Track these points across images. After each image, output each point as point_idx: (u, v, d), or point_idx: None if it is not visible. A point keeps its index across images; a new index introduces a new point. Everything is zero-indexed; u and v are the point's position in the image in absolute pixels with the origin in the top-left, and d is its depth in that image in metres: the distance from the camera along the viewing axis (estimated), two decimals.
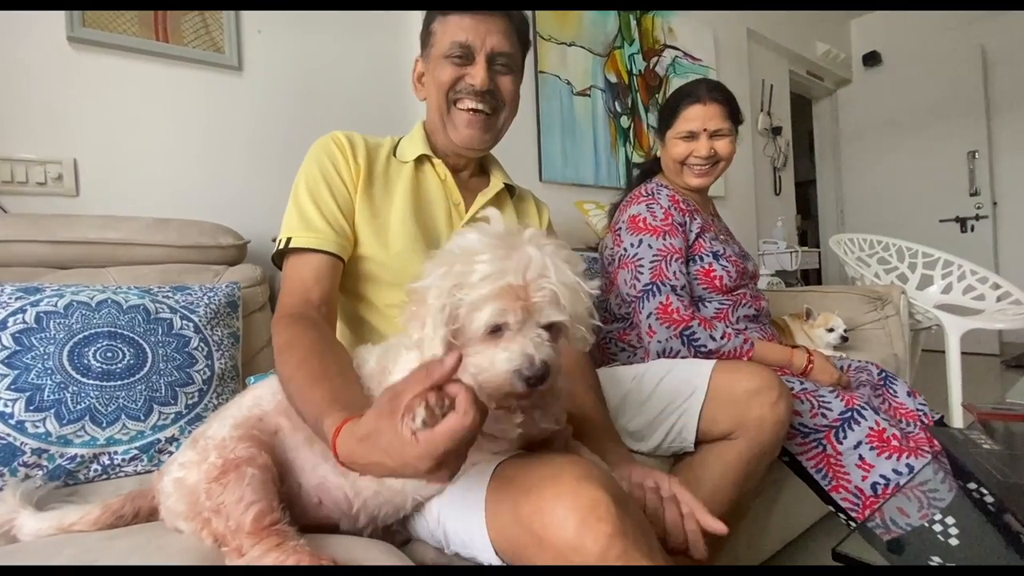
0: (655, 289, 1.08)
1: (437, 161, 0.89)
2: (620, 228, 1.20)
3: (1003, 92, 3.66)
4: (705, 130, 1.18)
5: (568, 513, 0.47)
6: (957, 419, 1.77)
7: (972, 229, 3.70)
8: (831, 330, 1.58)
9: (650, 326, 1.06)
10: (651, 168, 1.35)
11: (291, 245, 0.75)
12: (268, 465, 0.57)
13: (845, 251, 2.48)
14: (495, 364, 0.49)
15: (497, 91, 0.85)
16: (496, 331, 0.50)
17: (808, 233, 5.00)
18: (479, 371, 0.50)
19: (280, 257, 0.78)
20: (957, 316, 1.97)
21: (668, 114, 1.24)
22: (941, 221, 3.79)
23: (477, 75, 0.82)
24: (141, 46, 1.39)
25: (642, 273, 1.10)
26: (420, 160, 0.89)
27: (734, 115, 1.22)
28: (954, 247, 2.70)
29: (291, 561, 0.47)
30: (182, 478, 0.56)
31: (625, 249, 1.16)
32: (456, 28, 0.81)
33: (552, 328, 0.51)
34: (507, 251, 0.50)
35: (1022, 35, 3.56)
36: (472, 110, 0.84)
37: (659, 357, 1.05)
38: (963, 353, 1.91)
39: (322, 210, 0.78)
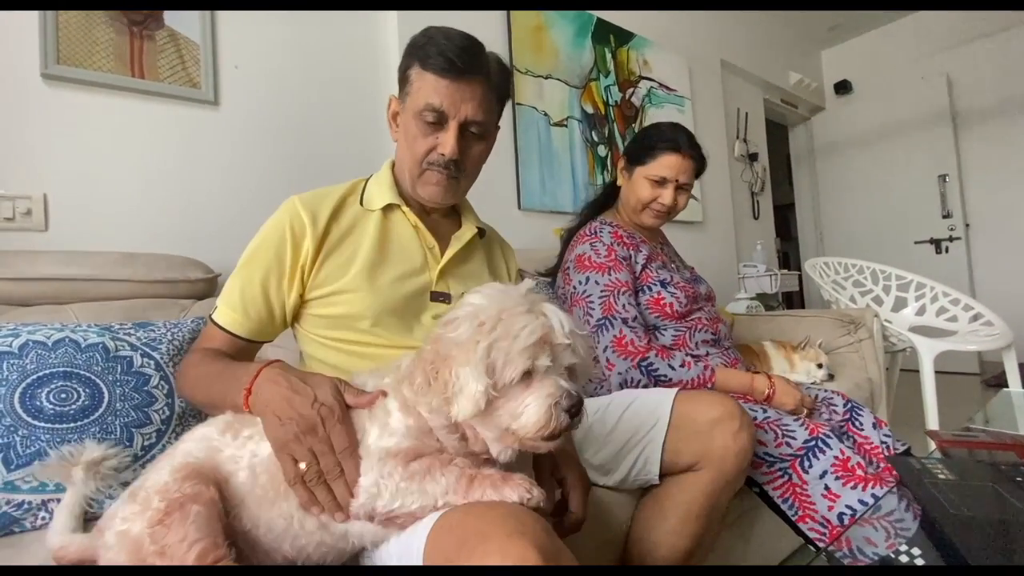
0: (607, 323, 1.09)
1: (406, 209, 0.89)
2: (568, 268, 1.23)
3: (969, 118, 3.80)
4: (676, 180, 1.23)
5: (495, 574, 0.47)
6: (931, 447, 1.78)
7: (947, 250, 3.79)
8: (820, 366, 1.58)
9: (608, 359, 1.07)
10: (605, 200, 1.39)
11: (212, 316, 0.81)
12: (214, 500, 0.56)
13: (821, 275, 2.51)
14: (531, 405, 0.55)
15: (463, 160, 0.85)
16: (525, 378, 0.55)
17: (789, 255, 5.08)
18: (513, 418, 0.55)
19: None
20: (930, 338, 2.00)
21: (643, 151, 1.26)
22: (916, 243, 3.87)
23: (447, 144, 0.82)
24: (116, 82, 1.41)
25: (593, 309, 1.12)
26: (388, 208, 0.88)
27: (699, 174, 1.28)
28: (930, 268, 2.77)
29: None
30: (125, 530, 0.54)
31: (574, 287, 1.18)
32: (432, 89, 0.80)
33: (571, 371, 0.58)
34: (530, 306, 0.57)
35: (985, 63, 3.72)
36: (439, 172, 0.85)
37: (621, 388, 1.06)
38: (943, 372, 1.93)
39: (245, 296, 0.79)
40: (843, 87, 4.29)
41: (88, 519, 0.71)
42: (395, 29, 1.86)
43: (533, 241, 2.13)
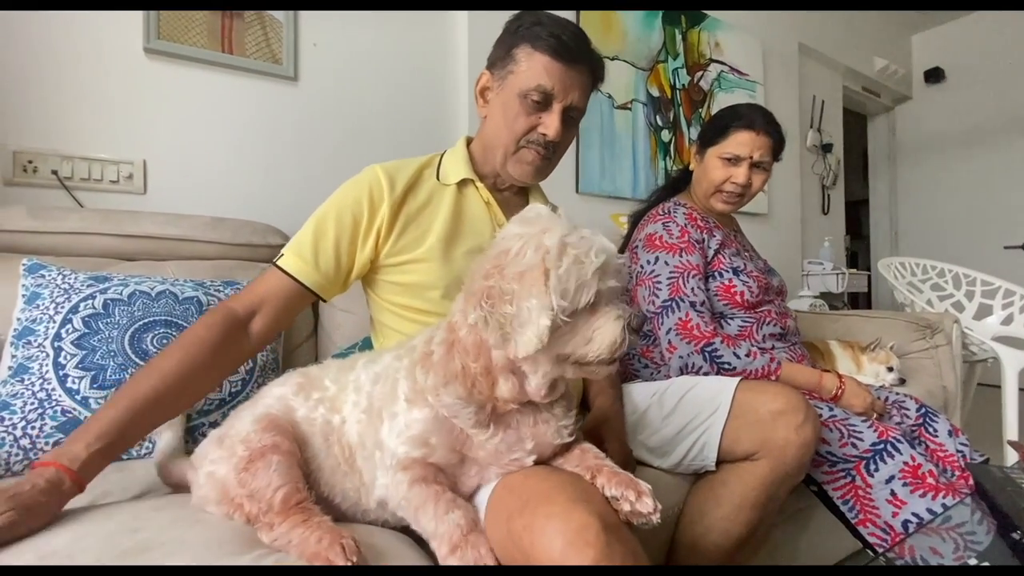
0: (674, 305, 1.08)
1: (480, 185, 0.91)
2: (637, 246, 1.20)
3: None
4: (750, 158, 1.17)
5: (556, 535, 0.48)
6: (1010, 460, 1.66)
7: None
8: (890, 369, 1.51)
9: (670, 342, 1.06)
10: (676, 183, 1.35)
11: (277, 262, 0.81)
12: (292, 451, 0.60)
13: (895, 275, 2.37)
14: (602, 328, 0.53)
15: (559, 142, 0.87)
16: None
17: (859, 255, 4.79)
18: (584, 342, 0.53)
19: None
20: (1017, 350, 1.85)
21: (716, 132, 1.22)
22: (1007, 248, 3.56)
23: (551, 126, 0.83)
24: (208, 57, 1.50)
25: (660, 289, 1.10)
26: (463, 183, 0.91)
27: (777, 153, 1.22)
28: (1021, 276, 2.54)
29: (315, 535, 0.51)
30: (213, 471, 0.60)
31: (642, 266, 1.16)
32: (543, 71, 0.82)
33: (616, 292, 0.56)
34: (581, 230, 0.54)
35: None
36: (536, 152, 0.87)
37: (681, 373, 1.05)
38: None
39: (317, 248, 0.80)
40: (934, 75, 3.94)
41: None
42: (465, 21, 1.88)
43: (589, 225, 2.11)
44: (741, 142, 1.17)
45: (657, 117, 2.42)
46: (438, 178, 0.91)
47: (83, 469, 0.57)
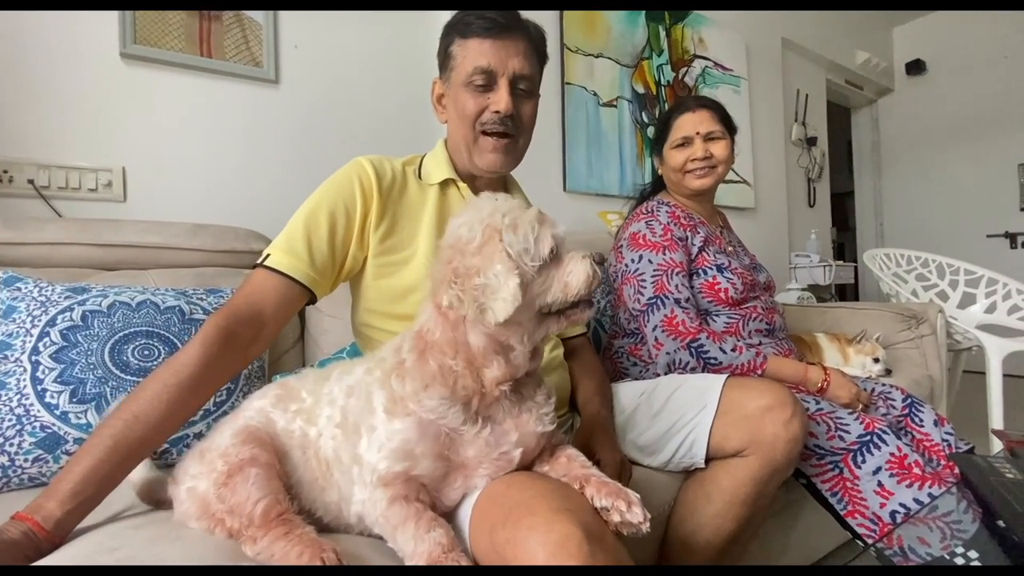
0: (659, 303, 1.08)
1: (462, 185, 0.91)
2: (622, 245, 1.22)
3: None
4: (698, 133, 1.22)
5: (538, 547, 0.48)
6: (995, 449, 1.68)
7: (1023, 245, 3.52)
8: (876, 360, 1.53)
9: (656, 339, 1.06)
10: (654, 189, 1.37)
11: (266, 263, 0.75)
12: (271, 463, 0.59)
13: (880, 267, 2.39)
14: (575, 268, 0.57)
15: (518, 117, 0.85)
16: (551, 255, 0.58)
17: (845, 246, 4.83)
18: (562, 285, 0.57)
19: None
20: (1000, 337, 1.88)
21: (662, 129, 1.29)
22: (989, 236, 3.61)
23: (501, 100, 0.83)
24: (187, 61, 1.48)
25: (644, 287, 1.11)
26: (445, 183, 0.90)
27: (725, 120, 1.25)
28: (1003, 264, 2.59)
29: (296, 549, 0.50)
30: (193, 487, 0.59)
31: (627, 265, 1.17)
32: (477, 53, 0.82)
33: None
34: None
35: None
36: (497, 135, 0.85)
37: (669, 370, 1.05)
38: (1013, 376, 1.81)
39: (311, 241, 0.76)
40: (915, 67, 3.99)
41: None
42: (447, 17, 1.86)
43: (577, 224, 2.12)
44: (683, 125, 1.24)
45: (643, 114, 2.42)
46: (420, 177, 0.91)
47: (57, 528, 0.56)
